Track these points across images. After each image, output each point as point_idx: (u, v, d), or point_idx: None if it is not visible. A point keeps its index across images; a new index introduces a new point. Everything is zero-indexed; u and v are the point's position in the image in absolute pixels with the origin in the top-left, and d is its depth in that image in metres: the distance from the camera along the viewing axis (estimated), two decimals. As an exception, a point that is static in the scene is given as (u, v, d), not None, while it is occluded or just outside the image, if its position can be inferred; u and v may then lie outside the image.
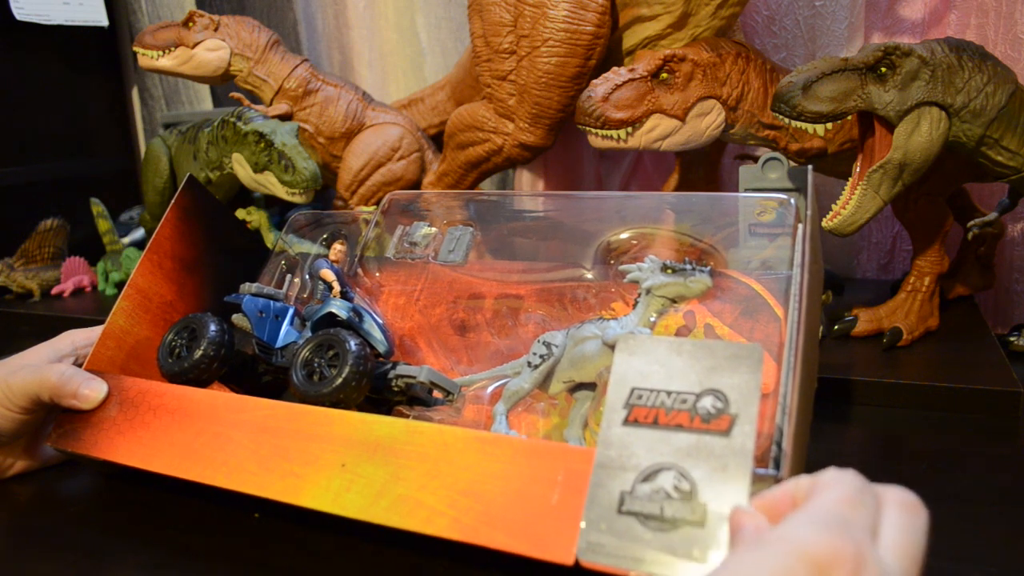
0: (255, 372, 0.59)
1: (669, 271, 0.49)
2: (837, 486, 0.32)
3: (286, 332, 0.56)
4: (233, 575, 0.45)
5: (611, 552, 0.35)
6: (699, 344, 0.39)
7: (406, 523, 0.40)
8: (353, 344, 0.50)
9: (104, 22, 1.35)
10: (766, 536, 0.30)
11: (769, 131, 0.76)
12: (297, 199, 0.86)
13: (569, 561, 0.35)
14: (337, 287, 0.58)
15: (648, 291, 0.49)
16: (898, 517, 0.31)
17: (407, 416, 0.53)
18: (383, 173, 0.95)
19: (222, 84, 1.01)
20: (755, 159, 0.78)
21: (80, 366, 0.56)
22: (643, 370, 0.39)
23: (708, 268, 0.49)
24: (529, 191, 1.06)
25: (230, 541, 0.47)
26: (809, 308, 0.41)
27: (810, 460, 0.44)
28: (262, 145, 0.86)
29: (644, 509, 0.35)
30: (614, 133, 0.72)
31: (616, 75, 0.73)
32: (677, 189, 0.96)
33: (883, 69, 0.62)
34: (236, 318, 0.58)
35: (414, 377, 0.52)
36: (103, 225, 1.17)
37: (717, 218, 0.56)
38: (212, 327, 0.55)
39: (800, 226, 0.46)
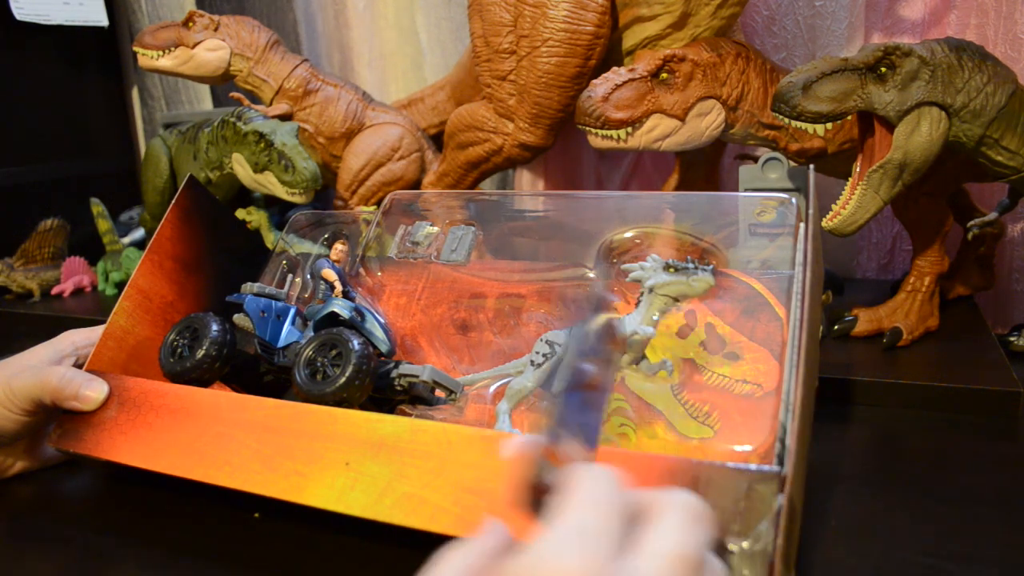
0: (257, 372, 0.59)
1: (672, 270, 0.49)
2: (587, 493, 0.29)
3: (288, 332, 0.57)
4: (233, 575, 0.45)
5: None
6: None
7: (410, 520, 0.40)
8: (356, 343, 0.50)
9: (104, 22, 1.35)
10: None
11: (769, 131, 0.76)
12: (297, 199, 0.86)
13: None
14: (339, 287, 0.58)
15: (651, 290, 0.49)
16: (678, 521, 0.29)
17: (410, 415, 0.53)
18: (383, 173, 0.95)
19: (222, 84, 1.01)
20: (755, 159, 0.79)
21: (81, 366, 0.56)
22: None
23: (711, 267, 0.49)
24: (529, 191, 1.06)
25: (230, 541, 0.47)
26: (811, 307, 0.41)
27: (811, 459, 0.44)
28: (262, 145, 0.86)
29: None
30: (614, 133, 0.72)
31: (616, 75, 0.73)
32: (677, 189, 0.96)
33: (883, 69, 0.62)
34: (238, 318, 0.58)
35: (417, 376, 0.52)
36: (103, 225, 1.17)
37: (717, 218, 0.56)
38: (214, 327, 0.55)
39: (802, 225, 0.46)
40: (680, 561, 0.27)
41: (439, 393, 0.54)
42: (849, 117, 0.63)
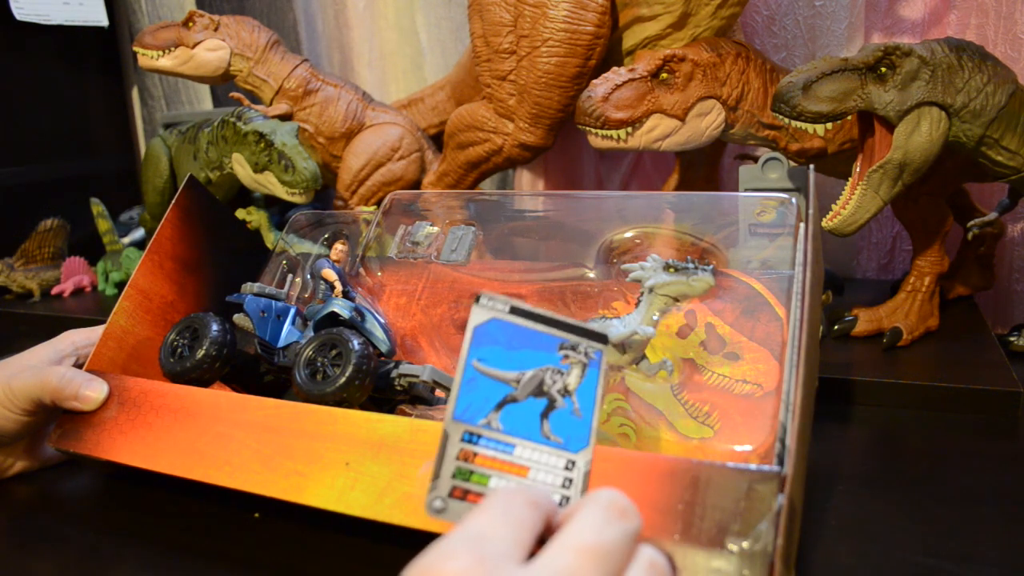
0: (257, 372, 0.59)
1: (672, 270, 0.49)
2: (488, 506, 0.29)
3: (288, 332, 0.56)
4: (233, 575, 0.45)
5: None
6: None
7: (410, 520, 0.40)
8: (356, 343, 0.50)
9: (104, 22, 1.35)
10: None
11: (769, 131, 0.76)
12: (297, 199, 0.86)
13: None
14: (339, 287, 0.58)
15: (651, 290, 0.49)
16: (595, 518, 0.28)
17: (410, 415, 0.53)
18: (383, 173, 0.95)
19: (222, 84, 1.01)
20: (755, 159, 0.79)
21: (81, 366, 0.56)
22: None
23: (711, 267, 0.49)
24: (529, 191, 1.06)
25: (230, 541, 0.47)
26: (811, 307, 0.41)
27: (811, 460, 0.44)
28: (262, 145, 0.86)
29: None
30: (614, 133, 0.72)
31: (616, 75, 0.73)
32: (677, 189, 0.96)
33: (883, 69, 0.62)
34: (238, 318, 0.58)
35: (417, 376, 0.52)
36: (103, 225, 1.17)
37: (717, 218, 0.56)
38: (214, 327, 0.55)
39: (802, 225, 0.46)
40: (589, 553, 0.27)
41: (439, 393, 0.54)
42: (849, 117, 0.63)
